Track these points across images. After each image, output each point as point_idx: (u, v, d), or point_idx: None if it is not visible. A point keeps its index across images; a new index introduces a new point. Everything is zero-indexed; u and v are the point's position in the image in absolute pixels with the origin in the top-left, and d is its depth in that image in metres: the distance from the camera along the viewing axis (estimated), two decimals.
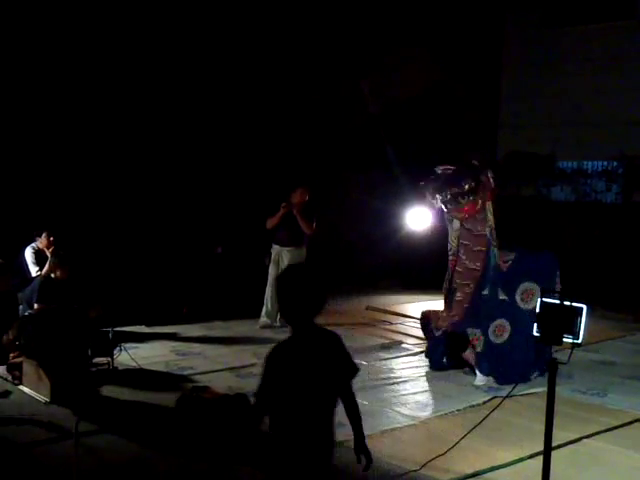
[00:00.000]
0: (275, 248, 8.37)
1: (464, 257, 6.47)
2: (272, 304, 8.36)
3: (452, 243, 6.63)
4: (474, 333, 6.36)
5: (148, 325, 8.11)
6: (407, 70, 12.94)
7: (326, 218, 10.22)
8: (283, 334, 8.51)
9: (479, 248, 6.40)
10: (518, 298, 6.29)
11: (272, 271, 8.34)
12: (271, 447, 2.99)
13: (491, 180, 6.34)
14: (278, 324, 8.40)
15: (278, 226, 8.28)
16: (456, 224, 6.56)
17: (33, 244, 7.68)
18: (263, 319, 8.36)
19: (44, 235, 7.64)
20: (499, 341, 6.33)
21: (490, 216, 6.38)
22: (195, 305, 8.78)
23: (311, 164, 10.89)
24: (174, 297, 8.76)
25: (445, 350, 6.65)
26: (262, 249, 8.55)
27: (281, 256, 8.34)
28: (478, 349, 6.39)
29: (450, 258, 6.66)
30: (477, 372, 6.39)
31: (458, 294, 6.51)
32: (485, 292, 6.41)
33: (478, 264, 6.40)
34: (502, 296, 6.36)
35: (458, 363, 6.65)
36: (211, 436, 4.65)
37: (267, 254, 8.43)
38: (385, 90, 12.77)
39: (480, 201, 6.30)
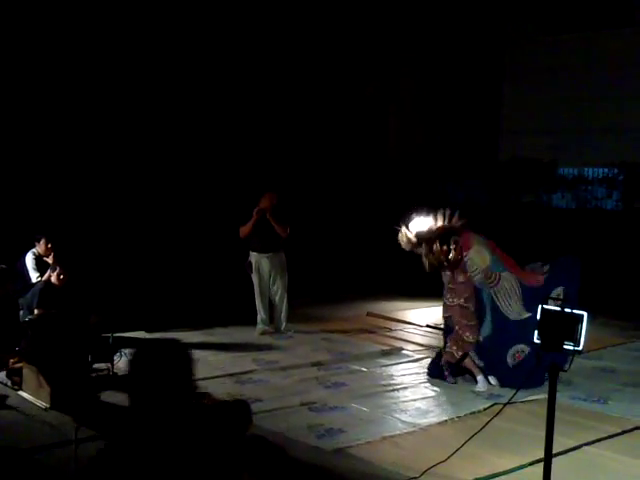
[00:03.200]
0: (253, 255, 8.32)
1: (455, 299, 6.50)
2: (265, 311, 8.36)
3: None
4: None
5: (148, 331, 8.10)
6: (408, 77, 12.98)
7: (327, 224, 10.26)
8: (282, 340, 8.55)
9: (466, 295, 6.43)
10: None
11: (255, 279, 8.32)
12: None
13: (465, 234, 6.41)
14: (273, 330, 8.40)
15: (252, 233, 8.21)
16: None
17: (34, 250, 7.67)
18: (260, 326, 8.36)
19: (42, 241, 7.63)
20: (515, 362, 6.35)
21: (477, 260, 6.37)
22: (195, 310, 8.77)
23: (312, 170, 10.90)
24: (174, 301, 8.75)
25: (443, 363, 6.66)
26: (241, 256, 8.49)
27: (260, 263, 8.31)
28: (477, 361, 6.44)
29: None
30: (477, 379, 6.39)
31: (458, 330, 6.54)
32: (485, 335, 6.43)
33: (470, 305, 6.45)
34: (525, 315, 6.32)
35: (458, 371, 6.64)
36: (209, 442, 4.63)
37: (247, 262, 8.38)
38: (386, 97, 12.79)
39: (456, 253, 6.34)
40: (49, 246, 7.62)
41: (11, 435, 4.93)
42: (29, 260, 7.61)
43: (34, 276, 7.53)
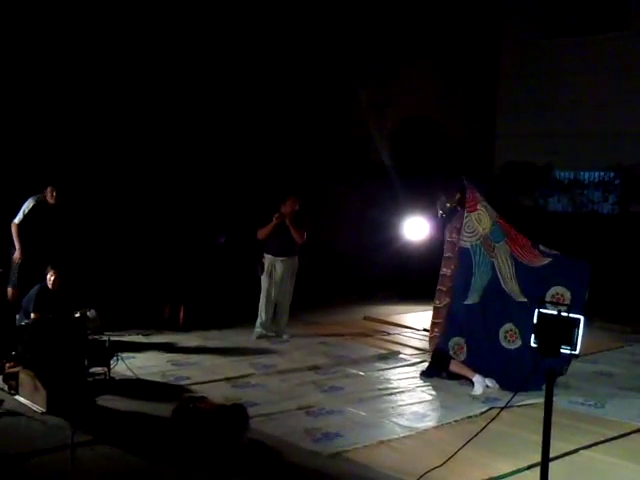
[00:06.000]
0: (268, 258, 8.33)
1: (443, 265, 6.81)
2: (266, 314, 8.34)
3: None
4: (458, 342, 6.52)
5: (145, 335, 8.10)
6: (404, 81, 12.99)
7: (324, 228, 10.24)
8: (279, 344, 8.56)
9: (448, 254, 6.74)
10: (547, 299, 6.18)
11: (265, 281, 8.31)
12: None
13: (472, 193, 6.64)
14: (273, 334, 8.39)
15: (270, 236, 8.23)
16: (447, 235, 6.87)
17: (38, 196, 7.74)
18: (258, 329, 8.33)
19: (49, 189, 7.73)
20: (511, 347, 6.37)
21: (476, 224, 6.56)
22: (192, 313, 8.77)
23: (308, 174, 10.90)
24: (171, 303, 8.74)
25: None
26: (254, 258, 8.50)
27: (274, 266, 8.30)
28: (461, 358, 6.50)
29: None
30: (474, 380, 6.40)
31: (436, 301, 6.85)
32: (469, 302, 6.53)
33: (446, 269, 6.71)
34: (521, 298, 6.39)
35: (455, 375, 6.66)
36: (207, 446, 4.63)
37: (259, 263, 8.40)
38: (383, 101, 12.81)
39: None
40: (54, 194, 7.73)
41: (7, 439, 4.91)
42: (28, 202, 7.69)
43: (20, 215, 7.63)
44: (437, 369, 6.70)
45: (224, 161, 10.22)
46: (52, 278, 6.76)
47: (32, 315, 6.63)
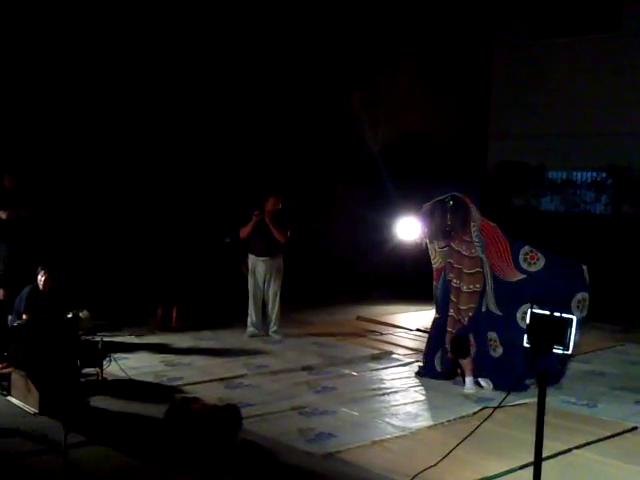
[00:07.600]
0: (251, 258, 8.34)
1: (457, 280, 6.54)
2: (256, 314, 8.35)
3: (434, 260, 6.81)
4: (472, 338, 6.51)
5: (137, 335, 8.09)
6: (396, 81, 13.01)
7: (318, 228, 10.25)
8: (272, 344, 8.55)
9: (476, 270, 6.47)
10: (519, 315, 6.28)
11: (251, 281, 8.33)
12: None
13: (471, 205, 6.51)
14: (264, 333, 8.39)
15: (252, 236, 8.22)
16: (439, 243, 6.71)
17: None
18: (250, 329, 8.35)
19: (6, 176, 7.89)
20: (495, 355, 6.42)
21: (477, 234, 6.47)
22: (185, 313, 8.76)
23: (304, 174, 10.91)
24: (164, 303, 8.73)
25: (443, 354, 6.68)
26: (239, 258, 8.50)
27: (256, 266, 8.31)
28: (473, 354, 6.50)
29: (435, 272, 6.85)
30: (466, 380, 6.42)
31: (456, 315, 6.59)
32: (484, 309, 6.50)
33: (478, 285, 6.47)
34: (497, 312, 6.42)
35: (450, 372, 6.67)
36: (200, 447, 4.62)
37: (244, 263, 8.40)
38: (375, 101, 12.82)
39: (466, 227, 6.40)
40: (10, 179, 7.88)
41: (0, 440, 4.90)
42: None
43: None
44: (460, 354, 6.53)
45: (217, 161, 10.22)
46: (42, 279, 6.72)
47: (24, 316, 6.61)
